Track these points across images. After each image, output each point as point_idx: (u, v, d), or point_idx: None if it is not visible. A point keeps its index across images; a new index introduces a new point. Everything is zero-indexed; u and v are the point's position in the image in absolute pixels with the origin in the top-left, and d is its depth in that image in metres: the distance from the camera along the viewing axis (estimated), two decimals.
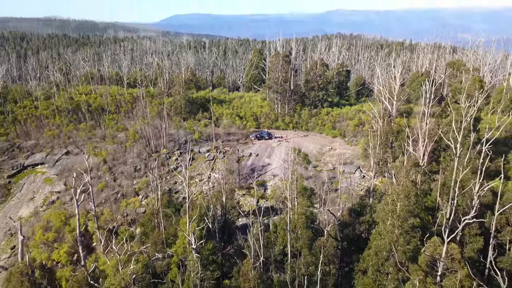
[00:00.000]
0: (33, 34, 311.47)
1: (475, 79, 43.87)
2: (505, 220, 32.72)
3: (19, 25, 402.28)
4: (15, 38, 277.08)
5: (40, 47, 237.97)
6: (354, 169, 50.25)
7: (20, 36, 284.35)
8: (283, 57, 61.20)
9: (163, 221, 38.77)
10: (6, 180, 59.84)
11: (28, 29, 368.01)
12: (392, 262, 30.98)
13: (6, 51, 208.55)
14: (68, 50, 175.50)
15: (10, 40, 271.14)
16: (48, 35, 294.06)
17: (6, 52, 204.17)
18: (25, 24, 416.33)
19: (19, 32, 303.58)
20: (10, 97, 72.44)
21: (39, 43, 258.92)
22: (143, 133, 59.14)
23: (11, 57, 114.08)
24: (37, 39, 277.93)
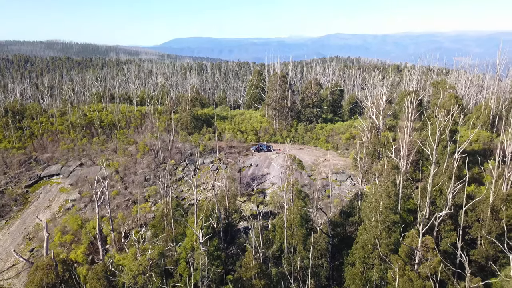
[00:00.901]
0: (37, 57, 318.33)
1: (451, 96, 48.69)
2: (475, 217, 36.75)
3: (22, 48, 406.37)
4: (20, 60, 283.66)
5: (44, 69, 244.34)
6: (346, 177, 54.39)
7: (24, 59, 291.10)
8: (281, 77, 66.43)
9: (173, 221, 42.57)
10: (24, 189, 63.70)
11: (31, 52, 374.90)
12: (376, 254, 34.77)
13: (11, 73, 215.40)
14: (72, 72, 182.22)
15: (15, 63, 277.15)
16: (52, 58, 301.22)
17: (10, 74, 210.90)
18: (28, 48, 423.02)
19: (24, 55, 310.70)
20: (27, 114, 77.23)
21: (43, 65, 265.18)
22: (152, 146, 63.53)
23: (25, 78, 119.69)
24: (41, 62, 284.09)
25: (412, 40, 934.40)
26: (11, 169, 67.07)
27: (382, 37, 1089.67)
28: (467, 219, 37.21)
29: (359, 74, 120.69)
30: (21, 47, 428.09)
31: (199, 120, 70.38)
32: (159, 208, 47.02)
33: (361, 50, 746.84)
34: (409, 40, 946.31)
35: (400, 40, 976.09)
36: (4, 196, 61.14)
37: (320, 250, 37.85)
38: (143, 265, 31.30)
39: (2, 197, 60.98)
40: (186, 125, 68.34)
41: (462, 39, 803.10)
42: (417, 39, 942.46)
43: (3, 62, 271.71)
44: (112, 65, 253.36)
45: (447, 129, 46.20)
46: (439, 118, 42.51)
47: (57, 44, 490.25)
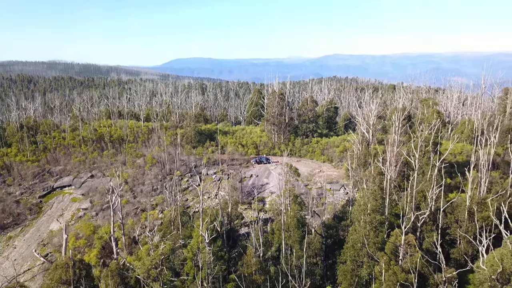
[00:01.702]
0: (40, 76, 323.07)
1: (434, 111, 53.01)
2: (454, 218, 40.33)
3: (24, 69, 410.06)
4: (23, 80, 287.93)
5: (47, 88, 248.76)
6: (339, 187, 58.06)
7: (28, 79, 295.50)
8: (279, 95, 71.00)
9: (180, 225, 45.97)
10: (38, 199, 67.00)
11: (33, 72, 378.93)
12: (365, 252, 38.15)
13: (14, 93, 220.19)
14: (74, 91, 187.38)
15: (18, 82, 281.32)
16: (54, 78, 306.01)
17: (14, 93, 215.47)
18: (30, 68, 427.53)
19: (27, 75, 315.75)
20: (41, 129, 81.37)
21: (45, 85, 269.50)
22: (159, 158, 67.36)
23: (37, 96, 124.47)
24: (44, 81, 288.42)
25: (410, 60, 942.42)
26: (26, 180, 70.58)
27: (380, 57, 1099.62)
28: (447, 221, 40.79)
29: (353, 93, 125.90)
30: (23, 67, 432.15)
31: (203, 135, 74.56)
32: (167, 214, 50.40)
33: (359, 70, 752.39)
34: (407, 60, 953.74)
35: (398, 61, 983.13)
36: (20, 206, 64.41)
37: (315, 249, 41.17)
38: (156, 259, 34.66)
39: (18, 206, 64.24)
40: (191, 139, 72.45)
41: (459, 60, 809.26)
42: (414, 59, 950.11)
43: (7, 82, 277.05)
44: (114, 85, 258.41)
45: (430, 141, 50.31)
46: (420, 131, 46.60)
47: (59, 64, 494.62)
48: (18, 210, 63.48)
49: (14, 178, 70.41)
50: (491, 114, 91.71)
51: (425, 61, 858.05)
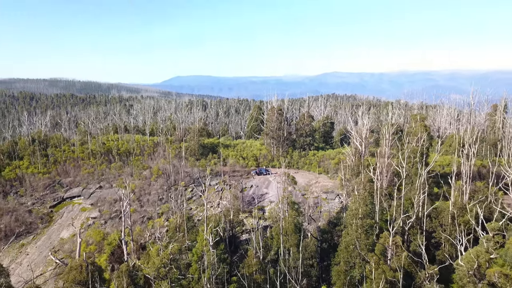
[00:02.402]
0: (42, 94, 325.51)
1: (420, 125, 56.71)
2: (438, 223, 43.44)
3: (26, 86, 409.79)
4: (25, 97, 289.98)
5: (48, 105, 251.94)
6: (334, 196, 61.17)
7: (30, 96, 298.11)
8: (277, 111, 74.92)
9: (186, 230, 48.88)
10: (49, 209, 69.74)
11: (34, 89, 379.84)
12: (357, 253, 41.06)
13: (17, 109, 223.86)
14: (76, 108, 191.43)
15: (20, 100, 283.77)
16: (56, 95, 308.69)
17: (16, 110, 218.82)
18: (31, 85, 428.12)
19: (29, 92, 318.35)
20: (52, 143, 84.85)
21: (47, 102, 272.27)
22: (164, 170, 70.60)
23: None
24: (46, 98, 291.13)
25: (407, 78, 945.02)
26: (37, 191, 73.54)
27: (378, 75, 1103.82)
28: (432, 225, 43.89)
29: (349, 109, 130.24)
30: (25, 84, 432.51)
31: (206, 148, 78.07)
32: (173, 221, 53.27)
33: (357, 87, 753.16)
34: (404, 78, 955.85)
35: (396, 79, 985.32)
36: (32, 215, 67.18)
37: (311, 252, 44.04)
38: (165, 258, 37.58)
39: (30, 215, 67.00)
40: (194, 152, 75.91)
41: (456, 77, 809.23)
42: (412, 77, 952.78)
43: (9, 99, 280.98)
44: (115, 102, 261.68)
45: (418, 153, 53.81)
46: (407, 143, 50.19)
47: (60, 81, 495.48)
48: (30, 219, 66.17)
49: (26, 189, 73.36)
50: (478, 129, 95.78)
51: (423, 79, 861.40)
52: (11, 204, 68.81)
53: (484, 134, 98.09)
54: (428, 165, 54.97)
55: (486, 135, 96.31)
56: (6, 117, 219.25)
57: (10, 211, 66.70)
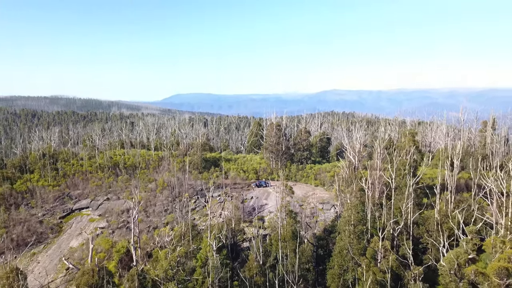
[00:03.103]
0: (43, 111, 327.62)
1: (409, 139, 60.44)
2: (425, 229, 46.53)
3: (27, 103, 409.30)
4: (27, 115, 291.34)
5: (50, 122, 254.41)
6: (330, 206, 64.25)
7: (32, 113, 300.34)
8: (276, 126, 78.79)
9: (190, 237, 51.79)
10: (59, 220, 72.48)
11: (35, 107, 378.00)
12: (350, 257, 43.98)
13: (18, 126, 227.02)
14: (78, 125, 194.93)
15: (22, 117, 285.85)
16: (58, 112, 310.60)
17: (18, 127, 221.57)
18: (32, 102, 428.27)
19: (31, 110, 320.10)
20: (61, 157, 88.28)
21: (49, 119, 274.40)
22: (169, 182, 73.81)
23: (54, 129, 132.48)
24: (48, 116, 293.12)
25: (406, 96, 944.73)
26: (47, 203, 76.46)
27: (377, 93, 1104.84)
28: (419, 231, 46.96)
29: (345, 126, 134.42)
30: (26, 102, 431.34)
31: (208, 162, 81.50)
32: (178, 230, 56.14)
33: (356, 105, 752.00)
34: (403, 96, 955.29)
35: (394, 96, 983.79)
36: (42, 225, 69.89)
37: (307, 256, 46.89)
38: (173, 261, 40.51)
39: (41, 226, 69.71)
40: (197, 165, 79.30)
41: (454, 95, 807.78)
42: (410, 95, 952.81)
43: (11, 116, 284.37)
44: (116, 119, 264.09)
45: (407, 165, 57.28)
46: (395, 155, 53.77)
47: (61, 99, 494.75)
48: (41, 229, 68.87)
49: (37, 201, 76.30)
50: (467, 144, 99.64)
51: (421, 97, 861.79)
52: (23, 215, 71.68)
53: (474, 149, 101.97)
54: (415, 176, 58.34)
55: (475, 150, 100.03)
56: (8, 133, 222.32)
57: (22, 222, 69.50)
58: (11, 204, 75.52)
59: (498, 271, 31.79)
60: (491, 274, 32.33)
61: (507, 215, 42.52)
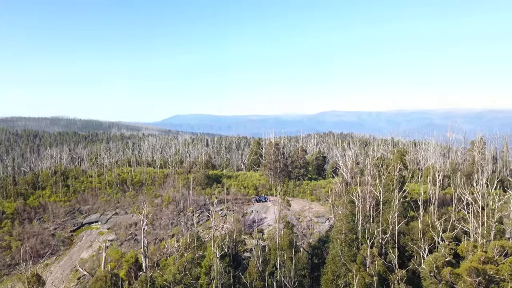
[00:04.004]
0: (45, 132, 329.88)
1: (397, 157, 65.07)
2: (410, 238, 50.49)
3: (28, 124, 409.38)
4: (29, 135, 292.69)
5: (52, 143, 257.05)
6: (325, 220, 68.10)
7: (33, 134, 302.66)
8: (275, 145, 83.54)
9: (196, 246, 55.48)
10: (69, 233, 75.97)
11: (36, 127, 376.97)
12: (342, 264, 47.74)
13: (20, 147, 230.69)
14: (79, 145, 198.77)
15: (24, 137, 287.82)
16: (59, 133, 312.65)
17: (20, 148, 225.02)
18: (33, 123, 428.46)
19: (32, 130, 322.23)
20: (72, 175, 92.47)
21: (51, 139, 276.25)
22: (174, 198, 77.84)
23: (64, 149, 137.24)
24: (49, 136, 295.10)
25: (404, 117, 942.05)
26: (59, 217, 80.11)
27: (375, 114, 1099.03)
28: (405, 240, 50.90)
29: (339, 145, 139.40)
30: (26, 122, 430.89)
31: (211, 179, 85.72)
32: (183, 241, 59.80)
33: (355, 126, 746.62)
34: (401, 117, 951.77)
35: (393, 117, 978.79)
36: (54, 238, 73.35)
37: (303, 264, 50.55)
38: (181, 266, 44.28)
39: (53, 239, 73.15)
40: (201, 182, 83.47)
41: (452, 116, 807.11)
42: (409, 116, 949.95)
43: (13, 137, 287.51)
44: (117, 139, 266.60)
45: (395, 180, 61.67)
46: (385, 172, 58.29)
47: (62, 120, 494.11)
48: (53, 242, 72.28)
49: (48, 216, 79.96)
50: (456, 162, 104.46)
51: (419, 118, 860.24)
52: (36, 228, 75.30)
53: (464, 167, 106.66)
54: (404, 191, 62.63)
55: (464, 167, 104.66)
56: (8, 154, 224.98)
57: (35, 235, 73.05)
58: (25, 219, 79.22)
59: (469, 271, 35.80)
60: (463, 273, 36.34)
61: (483, 224, 46.70)
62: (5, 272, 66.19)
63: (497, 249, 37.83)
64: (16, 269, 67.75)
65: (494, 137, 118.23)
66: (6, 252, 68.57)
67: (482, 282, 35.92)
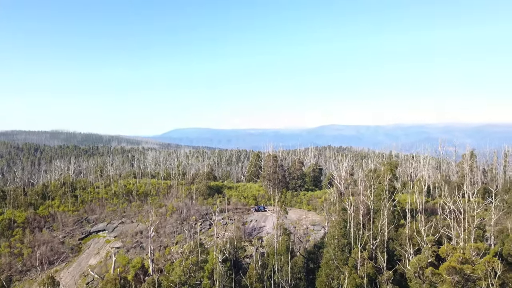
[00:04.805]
0: (46, 145, 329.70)
1: (387, 169, 68.97)
2: (398, 243, 53.92)
3: (28, 137, 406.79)
4: (30, 149, 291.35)
5: (53, 156, 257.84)
6: (320, 228, 71.40)
7: (34, 147, 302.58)
8: (273, 157, 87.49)
9: (199, 252, 58.69)
10: (78, 241, 78.89)
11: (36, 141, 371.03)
12: (335, 267, 51.06)
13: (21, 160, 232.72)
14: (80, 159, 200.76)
15: (25, 151, 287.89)
16: (60, 146, 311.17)
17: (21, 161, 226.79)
18: (33, 137, 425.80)
19: (33, 144, 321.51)
20: (79, 186, 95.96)
21: (52, 153, 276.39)
22: (177, 207, 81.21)
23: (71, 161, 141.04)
24: (50, 150, 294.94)
25: (402, 131, 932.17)
26: (67, 226, 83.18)
27: (374, 128, 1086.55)
28: (394, 245, 54.32)
29: (335, 158, 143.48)
30: (26, 136, 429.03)
31: (212, 189, 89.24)
32: (187, 247, 63.01)
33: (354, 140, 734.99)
34: (400, 131, 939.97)
35: (391, 131, 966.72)
36: (63, 246, 76.28)
37: (299, 267, 53.78)
38: (186, 267, 47.57)
39: (62, 246, 76.15)
40: (203, 192, 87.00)
41: (450, 130, 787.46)
42: (407, 130, 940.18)
43: (14, 150, 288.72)
44: (117, 153, 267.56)
45: (385, 190, 65.40)
46: (374, 182, 62.12)
47: (62, 133, 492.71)
48: (62, 249, 75.17)
49: (58, 225, 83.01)
50: (446, 175, 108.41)
51: (417, 132, 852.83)
52: (46, 236, 78.28)
53: (453, 178, 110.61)
54: (394, 200, 66.26)
55: (456, 179, 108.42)
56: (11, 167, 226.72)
57: (45, 243, 75.96)
58: (35, 227, 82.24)
59: (449, 270, 39.34)
60: (443, 273, 39.87)
61: (465, 230, 50.30)
62: (17, 277, 68.95)
63: (473, 250, 41.44)
64: (27, 275, 70.58)
65: (485, 151, 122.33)
66: (18, 258, 71.46)
67: (460, 280, 39.41)
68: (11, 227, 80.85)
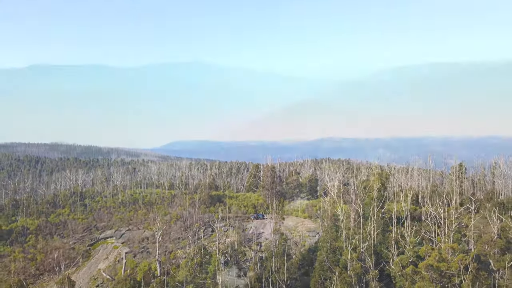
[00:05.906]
0: (46, 157, 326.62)
1: (377, 178, 73.67)
2: (385, 247, 58.21)
3: (28, 150, 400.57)
4: (30, 161, 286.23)
5: (53, 168, 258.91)
6: (315, 234, 75.54)
7: (35, 159, 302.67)
8: (271, 168, 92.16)
9: (203, 254, 62.81)
10: (87, 247, 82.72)
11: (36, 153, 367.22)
12: (327, 267, 55.19)
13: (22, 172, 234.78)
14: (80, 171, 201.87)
15: (26, 163, 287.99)
16: (60, 159, 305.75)
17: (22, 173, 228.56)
18: (33, 149, 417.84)
19: (34, 156, 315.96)
20: (88, 195, 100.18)
21: (52, 165, 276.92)
22: (181, 215, 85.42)
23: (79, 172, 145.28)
24: (50, 162, 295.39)
25: (402, 143, 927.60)
26: (77, 233, 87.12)
27: (373, 140, 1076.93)
28: (381, 248, 58.61)
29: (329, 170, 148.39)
30: (26, 148, 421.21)
31: (214, 198, 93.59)
32: (191, 251, 67.08)
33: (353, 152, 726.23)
34: (399, 143, 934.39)
35: (391, 144, 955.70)
36: (74, 251, 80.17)
37: (295, 269, 57.93)
38: (191, 267, 51.73)
39: (73, 252, 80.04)
40: (205, 201, 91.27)
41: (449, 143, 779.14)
42: (407, 142, 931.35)
43: (15, 162, 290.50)
44: (118, 165, 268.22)
45: (374, 199, 69.94)
46: (362, 191, 66.80)
47: (61, 146, 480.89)
48: (73, 255, 79.07)
49: (68, 231, 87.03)
50: (435, 185, 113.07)
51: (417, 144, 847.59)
52: (57, 243, 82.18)
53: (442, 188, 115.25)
54: (383, 208, 70.72)
55: (445, 189, 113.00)
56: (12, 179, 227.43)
57: (57, 248, 79.88)
58: (47, 234, 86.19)
59: (427, 267, 43.76)
60: (422, 270, 44.27)
61: (445, 234, 54.75)
62: (31, 281, 72.70)
63: (449, 250, 45.96)
64: (40, 279, 74.40)
65: (476, 163, 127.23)
66: (31, 263, 75.30)
67: (437, 277, 43.83)
68: (24, 233, 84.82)
